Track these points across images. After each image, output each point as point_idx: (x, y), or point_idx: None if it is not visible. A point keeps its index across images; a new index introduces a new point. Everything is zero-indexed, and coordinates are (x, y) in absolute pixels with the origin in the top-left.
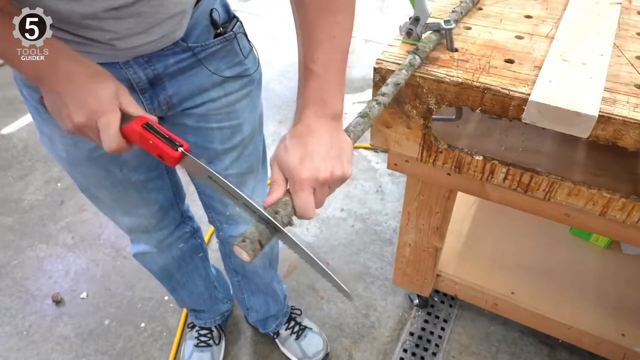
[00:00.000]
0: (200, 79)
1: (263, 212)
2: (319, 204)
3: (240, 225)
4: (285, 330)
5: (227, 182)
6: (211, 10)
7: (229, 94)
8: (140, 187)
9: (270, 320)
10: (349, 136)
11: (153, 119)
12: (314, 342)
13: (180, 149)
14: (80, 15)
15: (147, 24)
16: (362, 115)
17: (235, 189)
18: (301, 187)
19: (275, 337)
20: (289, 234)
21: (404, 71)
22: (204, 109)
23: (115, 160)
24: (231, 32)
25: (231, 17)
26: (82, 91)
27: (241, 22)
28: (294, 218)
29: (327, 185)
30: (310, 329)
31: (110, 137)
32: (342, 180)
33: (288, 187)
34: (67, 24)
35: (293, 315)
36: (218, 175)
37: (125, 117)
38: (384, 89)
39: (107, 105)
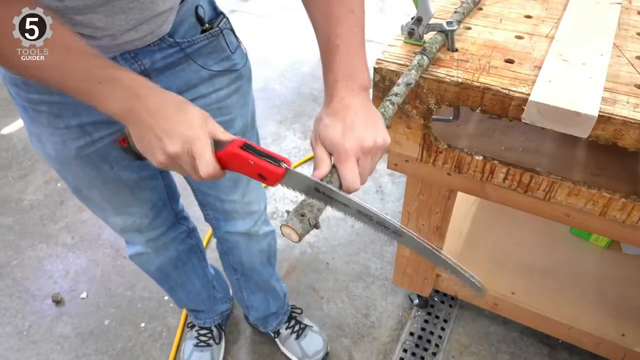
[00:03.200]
0: (187, 74)
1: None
2: (364, 175)
3: (236, 221)
4: (286, 329)
5: (331, 187)
6: (196, 7)
7: (218, 89)
8: (132, 185)
9: (271, 318)
10: None
11: (247, 140)
12: (314, 342)
13: (284, 165)
14: (71, 10)
15: (137, 20)
16: None
17: (339, 192)
18: (347, 157)
19: (275, 336)
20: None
21: (413, 72)
22: None
23: (105, 159)
24: (217, 28)
25: (218, 14)
26: (173, 120)
27: (228, 19)
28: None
29: (371, 155)
30: (311, 327)
31: (207, 162)
32: (383, 147)
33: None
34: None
35: (293, 314)
36: (323, 183)
37: (215, 142)
38: (395, 89)
39: (199, 131)
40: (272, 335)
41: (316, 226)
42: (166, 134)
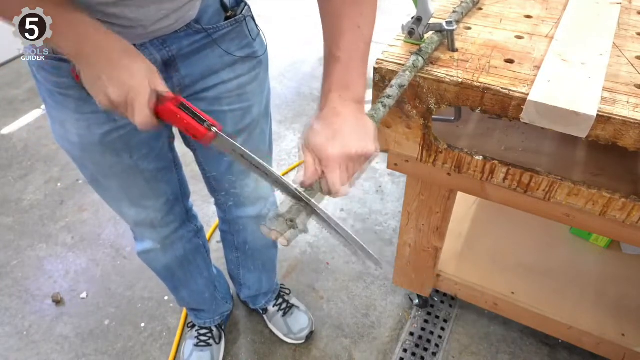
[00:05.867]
0: (211, 59)
1: (295, 187)
2: (348, 182)
3: (247, 207)
4: (273, 307)
5: (257, 159)
6: None
7: (239, 76)
8: (148, 176)
9: (261, 297)
10: None
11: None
12: (299, 320)
13: (213, 129)
14: (104, 4)
15: (167, 9)
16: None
17: (267, 165)
18: (330, 162)
19: (263, 313)
20: (317, 207)
21: (407, 73)
22: (216, 92)
23: (127, 146)
24: (240, 15)
25: (239, 2)
26: (119, 68)
27: (249, 6)
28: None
29: (357, 162)
30: (297, 307)
31: (143, 114)
32: (369, 156)
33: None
34: (91, 12)
35: (282, 294)
36: (249, 153)
37: (159, 97)
38: (388, 91)
39: (143, 83)
40: (260, 311)
41: (304, 231)
42: (111, 80)
